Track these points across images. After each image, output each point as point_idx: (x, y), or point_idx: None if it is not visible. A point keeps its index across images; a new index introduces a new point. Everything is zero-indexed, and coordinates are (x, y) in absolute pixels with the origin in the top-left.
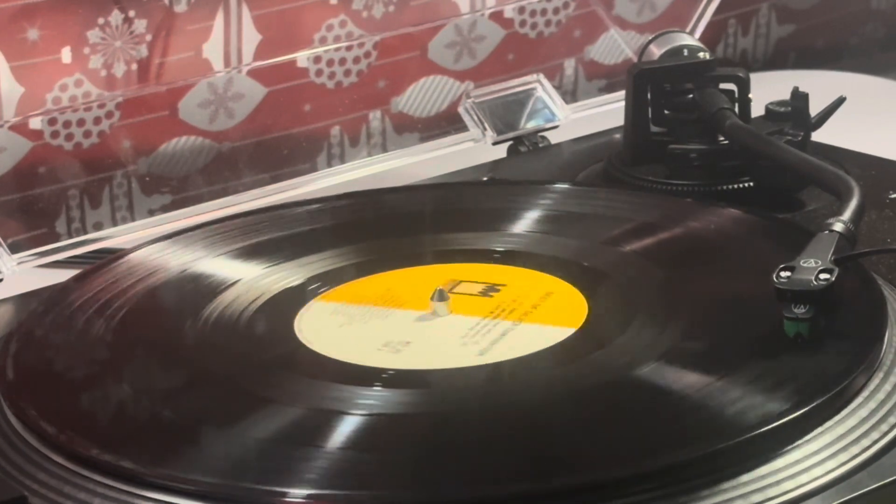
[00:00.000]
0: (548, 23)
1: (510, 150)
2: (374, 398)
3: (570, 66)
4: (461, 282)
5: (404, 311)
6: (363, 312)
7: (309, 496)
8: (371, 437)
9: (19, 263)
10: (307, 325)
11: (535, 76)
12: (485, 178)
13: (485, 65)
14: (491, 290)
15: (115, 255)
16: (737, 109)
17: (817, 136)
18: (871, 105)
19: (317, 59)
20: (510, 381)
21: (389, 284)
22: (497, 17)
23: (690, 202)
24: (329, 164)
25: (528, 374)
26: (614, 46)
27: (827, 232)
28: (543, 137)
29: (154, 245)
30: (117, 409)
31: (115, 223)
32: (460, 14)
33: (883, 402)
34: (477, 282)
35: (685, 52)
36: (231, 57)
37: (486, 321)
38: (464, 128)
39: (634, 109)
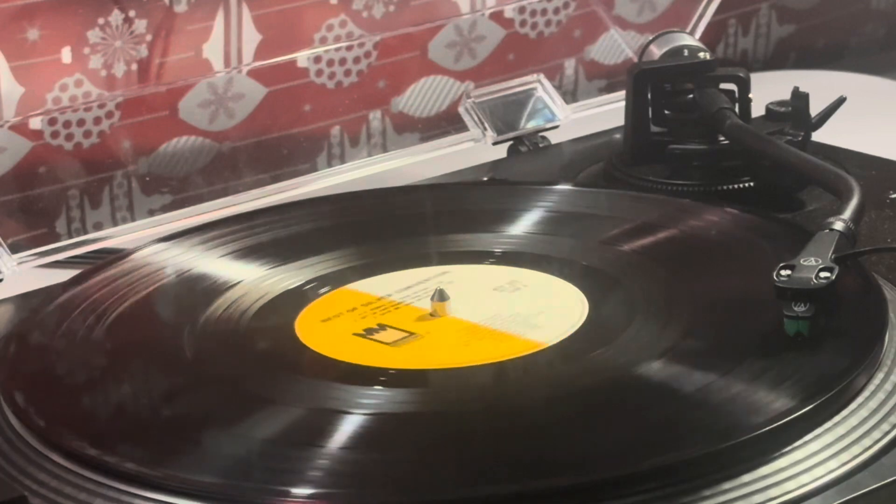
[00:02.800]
0: (548, 23)
1: (510, 150)
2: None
3: (570, 66)
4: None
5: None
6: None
7: (310, 496)
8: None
9: (19, 263)
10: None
11: (535, 76)
12: (485, 178)
13: (485, 65)
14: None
15: (115, 255)
16: (737, 109)
17: (817, 135)
18: (871, 105)
19: (317, 59)
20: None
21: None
22: (497, 17)
23: (690, 202)
24: (329, 164)
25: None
26: (614, 46)
27: (827, 231)
28: (543, 137)
29: (154, 245)
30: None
31: (115, 223)
32: (460, 14)
33: (884, 402)
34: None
35: (685, 52)
36: (231, 57)
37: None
38: (464, 128)
39: (634, 109)
